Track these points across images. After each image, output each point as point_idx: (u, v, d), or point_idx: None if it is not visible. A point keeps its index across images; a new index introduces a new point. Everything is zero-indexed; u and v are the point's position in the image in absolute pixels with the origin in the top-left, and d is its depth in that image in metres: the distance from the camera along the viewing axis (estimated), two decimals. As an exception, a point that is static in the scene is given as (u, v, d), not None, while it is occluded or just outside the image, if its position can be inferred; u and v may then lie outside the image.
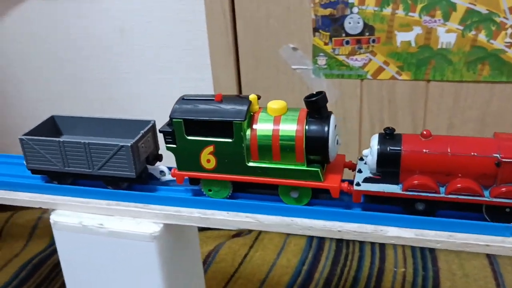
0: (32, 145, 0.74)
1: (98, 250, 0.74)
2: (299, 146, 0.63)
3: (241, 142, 0.65)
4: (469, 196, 0.59)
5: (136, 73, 1.25)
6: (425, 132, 0.61)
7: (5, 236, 1.36)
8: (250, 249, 1.27)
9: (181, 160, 0.69)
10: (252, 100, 0.66)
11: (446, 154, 0.60)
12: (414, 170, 0.61)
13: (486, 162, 0.59)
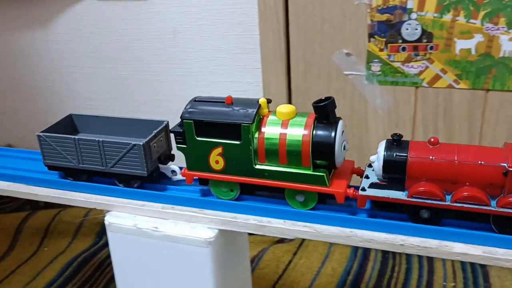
0: (49, 142, 0.76)
1: (151, 253, 0.74)
2: (306, 151, 0.63)
3: (249, 145, 0.65)
4: (476, 205, 0.58)
5: (188, 75, 1.26)
6: (432, 139, 0.61)
7: (51, 233, 1.38)
8: (294, 256, 1.25)
9: (191, 160, 0.70)
10: (262, 103, 0.67)
11: (453, 162, 0.59)
12: (420, 177, 0.60)
13: (493, 171, 0.58)
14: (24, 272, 1.26)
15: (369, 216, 0.66)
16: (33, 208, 1.47)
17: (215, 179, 0.70)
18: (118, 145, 0.73)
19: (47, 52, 1.40)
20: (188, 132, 0.68)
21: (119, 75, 1.34)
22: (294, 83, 1.13)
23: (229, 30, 1.17)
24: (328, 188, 0.64)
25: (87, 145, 0.74)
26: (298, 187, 0.65)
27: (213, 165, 0.68)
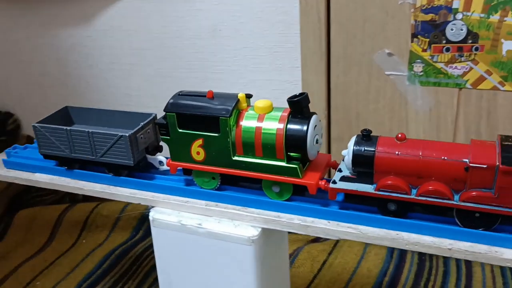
0: (44, 132, 0.81)
1: (194, 249, 0.75)
2: (279, 144, 0.67)
3: (227, 137, 0.69)
4: (439, 199, 0.61)
5: (226, 73, 1.26)
6: (400, 135, 0.64)
7: (90, 226, 1.41)
8: (329, 255, 1.24)
9: (174, 151, 0.74)
10: (240, 98, 0.70)
11: (418, 157, 0.61)
12: (387, 171, 0.63)
13: (456, 167, 0.60)
14: (64, 263, 1.29)
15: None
16: (72, 201, 1.50)
17: (196, 169, 0.73)
18: (106, 136, 0.77)
19: (86, 49, 1.42)
20: (171, 124, 0.72)
21: (158, 73, 1.35)
22: (334, 82, 1.13)
23: (269, 28, 1.17)
24: (301, 180, 0.67)
25: (78, 136, 0.79)
26: (273, 178, 0.69)
27: (195, 156, 0.72)
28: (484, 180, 0.59)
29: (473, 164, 0.58)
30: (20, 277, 1.25)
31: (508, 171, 0.57)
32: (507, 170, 0.57)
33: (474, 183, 0.59)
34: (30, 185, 0.86)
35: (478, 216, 0.61)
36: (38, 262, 1.30)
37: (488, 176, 0.58)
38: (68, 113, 0.90)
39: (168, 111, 0.72)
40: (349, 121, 1.15)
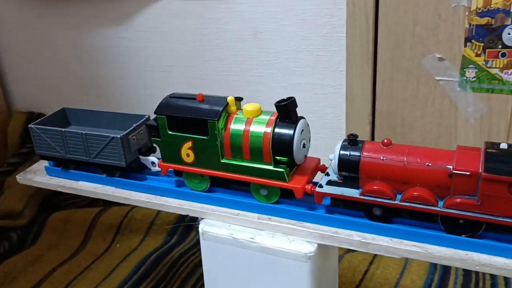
0: (40, 133, 0.83)
1: (246, 264, 0.72)
2: (266, 147, 0.67)
3: (215, 140, 0.70)
4: (423, 205, 0.61)
5: (267, 76, 1.23)
6: (385, 140, 0.64)
7: (124, 229, 1.39)
8: (370, 265, 1.21)
9: (165, 153, 0.75)
10: (230, 101, 0.71)
11: (403, 163, 0.62)
12: (373, 177, 0.63)
13: (440, 173, 0.60)
14: (99, 268, 1.27)
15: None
16: (106, 204, 1.49)
17: (186, 171, 0.74)
18: (99, 137, 0.79)
19: (124, 50, 1.41)
20: (161, 126, 0.73)
21: (196, 75, 1.33)
22: (380, 87, 1.09)
23: (312, 31, 1.14)
24: (287, 184, 0.68)
25: (72, 137, 0.81)
26: (260, 181, 0.69)
27: (185, 158, 0.73)
28: (467, 187, 0.59)
29: (457, 171, 0.59)
30: (55, 281, 1.24)
31: (490, 179, 0.56)
32: (489, 177, 0.56)
33: (458, 189, 0.60)
34: (74, 193, 0.84)
35: (462, 223, 0.61)
36: (73, 266, 1.29)
37: (471, 183, 0.58)
38: (65, 115, 0.91)
39: (158, 113, 0.72)
40: (394, 127, 1.11)
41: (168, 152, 0.74)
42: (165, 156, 0.75)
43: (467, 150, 0.61)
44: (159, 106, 0.73)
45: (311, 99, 1.20)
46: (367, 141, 0.65)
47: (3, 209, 1.44)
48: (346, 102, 1.12)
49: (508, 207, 0.57)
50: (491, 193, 0.57)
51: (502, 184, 0.56)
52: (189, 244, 1.34)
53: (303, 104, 1.21)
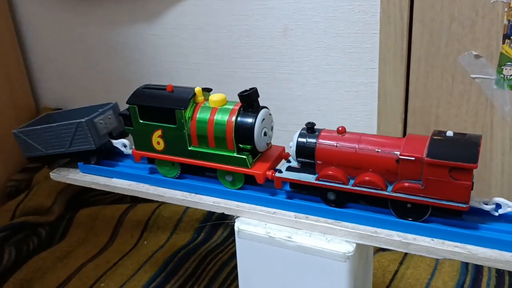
0: (22, 136, 0.88)
1: (282, 263, 0.71)
2: (229, 135, 0.71)
3: (183, 128, 0.73)
4: (373, 189, 0.64)
5: (296, 74, 1.22)
6: (340, 128, 0.68)
7: (151, 226, 1.40)
8: (401, 265, 1.19)
9: (137, 141, 0.79)
10: (197, 92, 0.75)
11: (355, 149, 0.65)
12: (328, 162, 0.67)
13: (388, 159, 0.63)
14: (127, 264, 1.27)
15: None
16: (133, 201, 1.49)
17: (157, 158, 0.78)
18: (67, 126, 0.83)
19: (152, 47, 1.41)
20: (133, 115, 0.77)
21: (224, 72, 1.32)
22: (413, 85, 1.07)
23: (345, 28, 1.12)
24: (249, 170, 0.71)
25: (46, 133, 0.86)
26: (224, 168, 0.73)
27: (155, 146, 0.77)
28: (413, 172, 0.62)
29: (403, 157, 0.62)
30: (84, 276, 1.25)
31: (432, 163, 0.59)
32: (431, 162, 0.59)
33: (404, 174, 0.62)
34: (108, 190, 0.84)
35: (410, 207, 0.64)
36: (101, 262, 1.29)
37: (416, 168, 0.61)
38: (48, 120, 0.94)
39: (130, 103, 0.77)
40: (427, 125, 1.09)
41: (140, 140, 0.79)
42: (138, 144, 0.79)
43: (415, 137, 0.64)
44: (131, 96, 0.77)
45: (342, 96, 1.18)
46: (324, 129, 0.69)
47: (32, 205, 1.45)
48: (378, 99, 1.10)
49: (450, 190, 0.60)
50: (434, 177, 0.60)
51: (443, 168, 0.59)
52: (216, 241, 1.34)
53: (333, 102, 1.21)
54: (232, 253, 1.28)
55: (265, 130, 0.72)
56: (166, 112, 0.73)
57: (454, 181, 0.59)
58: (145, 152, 0.79)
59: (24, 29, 1.62)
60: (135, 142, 0.80)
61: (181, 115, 0.73)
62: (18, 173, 1.62)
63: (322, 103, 1.21)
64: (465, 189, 0.59)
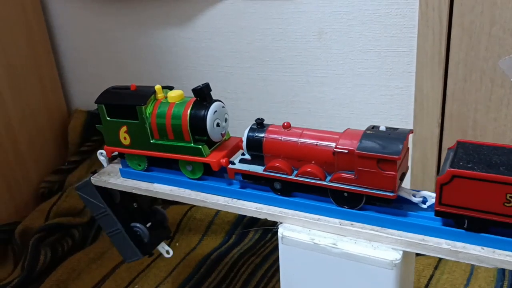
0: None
1: (326, 270, 0.71)
2: (185, 127, 0.76)
3: (144, 123, 0.79)
4: (313, 179, 0.69)
5: (330, 77, 1.22)
6: (285, 123, 0.73)
7: (182, 229, 1.41)
8: (435, 270, 1.18)
9: (107, 137, 0.85)
10: (157, 89, 0.80)
11: (296, 142, 0.70)
12: (274, 155, 0.72)
13: (326, 151, 0.68)
14: (160, 266, 1.29)
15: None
16: (164, 202, 1.50)
17: (125, 152, 0.84)
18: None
19: (184, 50, 1.42)
20: (101, 114, 0.83)
21: (257, 75, 1.32)
22: (451, 89, 1.06)
23: (381, 31, 1.12)
24: (205, 158, 0.76)
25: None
26: (183, 158, 0.78)
27: (123, 141, 0.83)
28: (347, 164, 0.66)
29: (337, 149, 0.66)
30: (118, 278, 1.26)
31: (361, 156, 0.64)
32: (361, 154, 0.64)
33: (340, 166, 0.67)
34: (149, 195, 0.85)
35: (347, 196, 0.68)
36: (135, 264, 1.30)
37: (350, 160, 0.66)
38: None
39: (98, 103, 0.83)
40: (464, 130, 1.08)
41: (109, 137, 0.84)
42: (108, 140, 0.85)
43: (352, 132, 0.69)
44: (99, 96, 0.83)
45: (377, 100, 1.18)
46: (272, 125, 0.74)
47: (66, 206, 1.48)
48: (415, 104, 1.10)
49: (379, 180, 0.64)
50: (364, 168, 0.65)
51: (372, 160, 0.64)
52: (247, 244, 1.34)
53: (368, 106, 1.21)
54: (264, 256, 1.29)
55: (217, 121, 0.77)
56: (129, 109, 0.79)
57: (382, 171, 0.64)
58: (114, 147, 0.85)
59: (57, 31, 1.64)
60: (105, 139, 0.85)
61: (142, 111, 0.78)
62: (50, 175, 1.64)
63: (356, 106, 1.20)
64: (391, 179, 0.63)
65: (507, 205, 0.58)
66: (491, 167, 0.58)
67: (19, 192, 1.58)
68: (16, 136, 1.55)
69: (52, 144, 1.69)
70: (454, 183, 0.60)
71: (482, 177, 0.58)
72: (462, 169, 0.59)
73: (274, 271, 1.22)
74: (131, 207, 0.93)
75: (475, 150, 0.63)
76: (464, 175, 0.59)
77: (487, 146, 0.64)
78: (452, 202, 0.61)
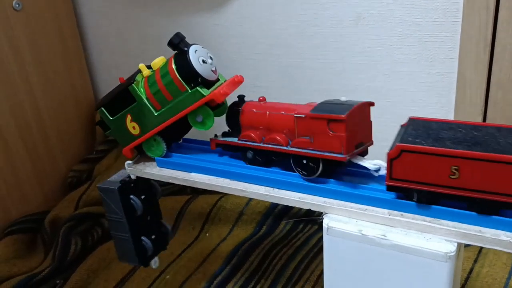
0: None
1: (374, 262, 0.68)
2: (175, 78, 0.76)
3: (142, 100, 0.79)
4: (277, 145, 0.73)
5: (367, 64, 1.18)
6: (261, 98, 0.79)
7: (212, 219, 1.39)
8: (475, 263, 1.15)
9: (120, 138, 0.84)
10: (141, 67, 0.80)
11: (266, 113, 0.75)
12: (249, 126, 0.77)
13: (289, 119, 0.72)
14: (190, 257, 1.27)
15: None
16: (193, 192, 1.49)
17: (140, 142, 0.83)
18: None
19: (217, 37, 1.39)
20: (105, 118, 0.84)
21: (290, 63, 1.29)
22: (496, 76, 1.02)
23: (422, 16, 1.07)
24: (207, 96, 0.75)
25: None
26: (189, 109, 0.77)
27: (133, 132, 0.82)
28: (306, 129, 0.70)
29: (297, 115, 0.70)
30: (148, 268, 1.25)
31: (313, 117, 0.67)
32: (312, 116, 0.68)
33: (300, 132, 0.71)
34: (187, 185, 0.83)
35: (306, 163, 0.71)
36: (165, 254, 1.28)
37: (307, 125, 0.69)
38: None
39: (98, 109, 0.84)
40: (509, 117, 1.04)
41: (121, 136, 0.84)
42: (122, 141, 0.85)
43: (315, 103, 0.72)
44: (96, 105, 0.84)
45: (416, 88, 1.14)
46: (251, 100, 0.79)
47: (95, 196, 1.47)
48: (457, 91, 1.06)
49: (330, 142, 0.67)
50: (317, 131, 0.68)
51: (322, 120, 0.67)
52: (278, 235, 1.32)
53: (406, 93, 1.17)
54: (297, 247, 1.26)
55: (202, 58, 0.76)
56: (124, 95, 0.80)
57: (332, 133, 0.67)
58: (130, 144, 0.84)
59: (85, 22, 1.63)
60: (119, 141, 0.85)
61: (134, 89, 0.79)
62: (79, 164, 1.63)
63: (393, 94, 1.17)
64: (340, 140, 0.66)
65: (452, 177, 0.60)
66: (438, 141, 0.60)
67: (47, 182, 1.58)
68: (45, 126, 1.55)
69: (80, 133, 1.68)
70: (403, 157, 0.61)
71: (428, 151, 0.59)
72: (410, 144, 0.60)
73: (308, 262, 1.20)
74: (145, 221, 0.91)
75: (425, 126, 0.66)
76: (412, 149, 0.60)
77: (436, 122, 0.67)
78: (402, 176, 0.62)
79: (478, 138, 0.61)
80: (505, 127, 0.64)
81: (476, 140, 0.60)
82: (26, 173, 1.51)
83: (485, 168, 0.57)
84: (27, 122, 1.50)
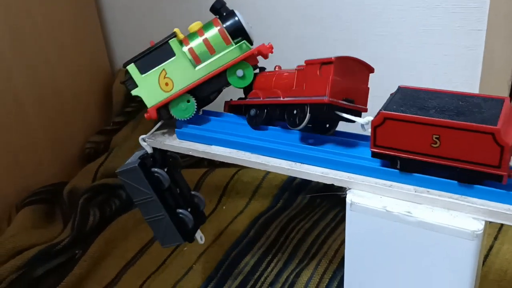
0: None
1: (399, 239, 0.67)
2: (222, 32, 0.76)
3: (183, 54, 0.77)
4: (273, 98, 0.75)
5: (391, 36, 1.15)
6: (277, 66, 0.80)
7: (229, 192, 1.38)
8: (495, 240, 1.13)
9: (147, 96, 0.81)
10: (176, 31, 0.78)
11: (274, 75, 0.77)
12: (259, 88, 0.79)
13: (290, 76, 0.74)
14: (207, 229, 1.27)
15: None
16: (210, 165, 1.48)
17: (171, 99, 0.80)
18: None
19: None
20: (134, 75, 0.80)
21: (311, 34, 1.26)
22: (524, 49, 0.99)
23: (450, -15, 1.04)
24: (252, 50, 0.76)
25: None
26: (231, 63, 0.77)
27: (165, 88, 0.80)
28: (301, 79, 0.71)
29: (297, 69, 0.72)
30: (165, 240, 1.25)
31: (307, 63, 0.69)
32: (308, 62, 0.69)
33: (297, 84, 0.72)
34: (207, 157, 0.82)
35: (295, 113, 0.72)
36: (182, 226, 1.30)
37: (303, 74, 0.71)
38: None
39: (127, 65, 0.80)
40: (536, 92, 1.01)
41: (149, 94, 0.80)
42: (149, 99, 0.81)
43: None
44: (125, 63, 0.80)
45: (440, 60, 1.11)
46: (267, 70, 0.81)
47: (112, 167, 1.47)
48: (483, 64, 1.02)
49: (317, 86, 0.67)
50: (309, 76, 0.69)
51: (315, 65, 0.68)
52: (295, 209, 1.31)
53: (430, 66, 1.14)
54: (314, 221, 1.26)
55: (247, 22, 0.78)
56: (162, 50, 0.78)
57: (320, 76, 0.67)
58: (158, 103, 0.81)
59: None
60: (145, 100, 0.81)
61: (175, 43, 0.77)
62: (95, 135, 1.63)
63: (417, 67, 1.14)
64: (326, 82, 0.66)
65: (434, 146, 0.60)
66: (421, 110, 0.61)
67: (64, 153, 1.58)
68: (62, 96, 1.55)
69: (97, 104, 1.68)
70: (386, 125, 0.62)
71: (410, 119, 0.60)
72: (393, 112, 0.61)
73: (325, 237, 1.19)
74: (176, 193, 0.88)
75: (413, 95, 0.65)
76: (394, 117, 0.60)
77: (424, 91, 0.66)
78: (385, 143, 0.63)
79: (462, 108, 0.61)
80: (493, 97, 0.64)
81: (459, 110, 0.60)
82: (42, 143, 1.51)
83: (464, 137, 0.58)
84: (43, 90, 1.49)
